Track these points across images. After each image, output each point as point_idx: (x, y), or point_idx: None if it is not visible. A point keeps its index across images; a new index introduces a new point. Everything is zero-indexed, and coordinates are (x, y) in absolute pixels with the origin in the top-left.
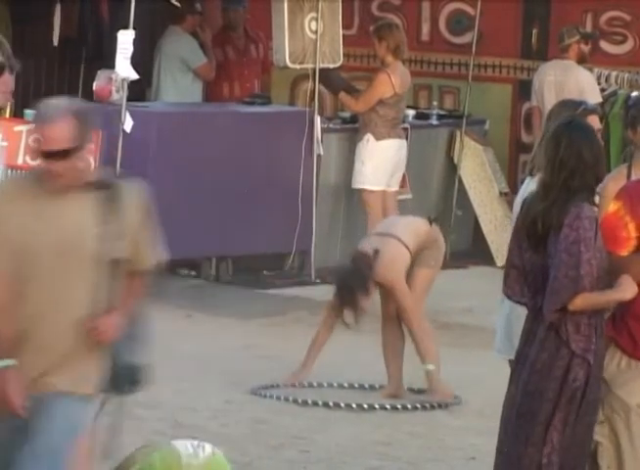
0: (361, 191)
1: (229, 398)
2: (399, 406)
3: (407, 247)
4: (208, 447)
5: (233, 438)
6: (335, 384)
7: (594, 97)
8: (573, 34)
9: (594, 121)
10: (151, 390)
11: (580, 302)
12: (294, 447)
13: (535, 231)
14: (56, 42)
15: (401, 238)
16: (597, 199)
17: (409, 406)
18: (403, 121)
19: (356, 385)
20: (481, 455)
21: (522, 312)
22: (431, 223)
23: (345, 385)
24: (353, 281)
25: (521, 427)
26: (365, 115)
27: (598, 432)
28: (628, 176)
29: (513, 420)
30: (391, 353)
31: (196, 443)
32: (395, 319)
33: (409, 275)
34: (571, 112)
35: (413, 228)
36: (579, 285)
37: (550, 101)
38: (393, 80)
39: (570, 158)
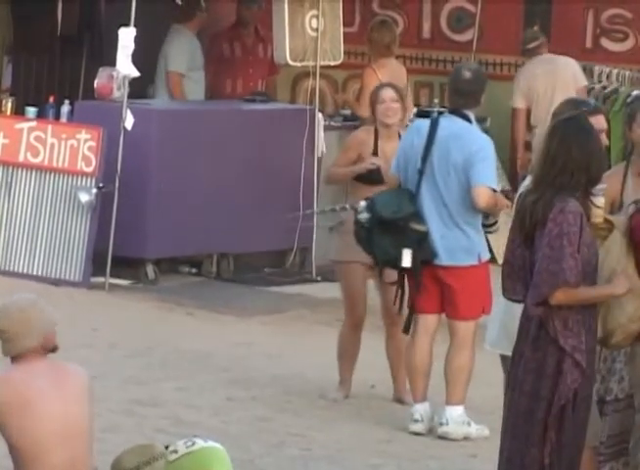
0: None
1: (230, 395)
2: None
3: None
4: (200, 442)
5: (234, 435)
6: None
7: (583, 79)
8: (539, 34)
9: (599, 122)
10: (152, 387)
11: (563, 296)
12: (295, 445)
13: (524, 225)
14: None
15: None
16: (600, 200)
17: None
18: None
19: None
20: (482, 453)
21: (517, 310)
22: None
23: None
24: None
25: (519, 427)
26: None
27: None
28: (625, 175)
29: (512, 420)
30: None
31: (189, 439)
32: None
33: None
34: (574, 110)
35: None
36: (560, 279)
37: (546, 93)
38: (379, 74)
39: (559, 155)
